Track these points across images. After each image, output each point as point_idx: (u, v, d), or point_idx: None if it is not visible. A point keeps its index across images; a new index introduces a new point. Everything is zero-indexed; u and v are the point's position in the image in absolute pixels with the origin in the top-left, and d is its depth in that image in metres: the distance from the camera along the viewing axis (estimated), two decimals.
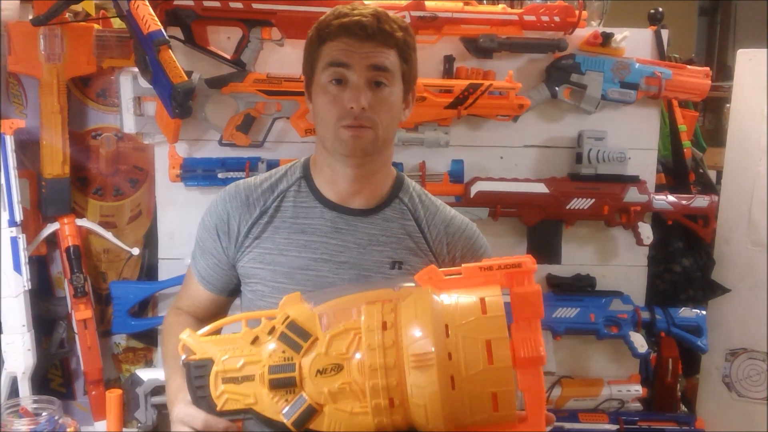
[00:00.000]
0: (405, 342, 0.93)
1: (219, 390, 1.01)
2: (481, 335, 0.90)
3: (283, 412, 0.97)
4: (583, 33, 1.88)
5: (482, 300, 0.93)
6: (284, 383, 0.97)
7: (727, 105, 2.12)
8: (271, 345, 1.00)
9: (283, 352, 0.99)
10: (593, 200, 1.91)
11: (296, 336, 0.99)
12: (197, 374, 1.02)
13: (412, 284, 1.03)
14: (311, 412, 0.96)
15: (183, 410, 1.06)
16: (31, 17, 1.75)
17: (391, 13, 1.23)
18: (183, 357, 1.05)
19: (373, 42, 1.18)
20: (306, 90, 1.29)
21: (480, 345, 0.90)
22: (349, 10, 1.20)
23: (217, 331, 1.09)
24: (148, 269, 1.95)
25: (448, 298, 0.96)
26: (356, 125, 1.18)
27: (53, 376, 1.97)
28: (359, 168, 1.25)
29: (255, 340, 1.01)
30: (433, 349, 0.90)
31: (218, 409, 1.01)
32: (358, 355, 0.95)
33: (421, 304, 0.95)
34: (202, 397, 1.02)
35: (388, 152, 1.31)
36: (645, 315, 1.97)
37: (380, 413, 0.93)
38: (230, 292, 1.35)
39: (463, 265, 1.01)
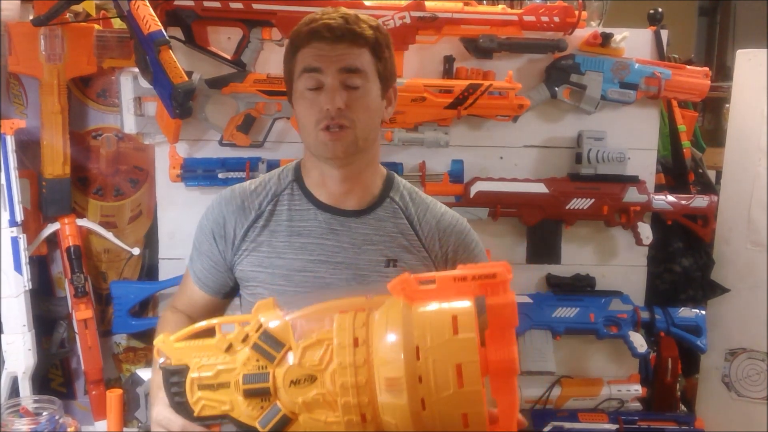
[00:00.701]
0: (376, 362, 0.92)
1: (195, 396, 1.01)
2: (452, 359, 0.89)
3: (258, 421, 0.97)
4: (582, 33, 1.88)
5: (454, 319, 0.91)
6: (259, 392, 0.98)
7: (727, 105, 2.12)
8: (245, 353, 1.00)
9: (257, 360, 0.98)
10: (593, 200, 1.91)
11: (269, 346, 0.98)
12: (173, 380, 1.03)
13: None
14: (285, 422, 0.97)
15: (162, 413, 1.07)
16: (31, 17, 1.75)
17: (361, 14, 1.24)
18: (160, 361, 1.05)
19: (343, 43, 1.19)
20: (288, 99, 1.30)
21: (450, 369, 0.88)
22: (320, 15, 1.22)
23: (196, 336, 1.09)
24: (149, 269, 1.95)
25: (420, 313, 0.93)
26: (334, 125, 1.19)
27: (54, 375, 1.97)
28: (345, 168, 1.26)
29: (229, 348, 1.01)
30: (403, 373, 0.89)
31: (195, 414, 1.02)
32: (331, 367, 0.95)
33: (393, 320, 0.93)
34: (179, 403, 1.03)
35: (374, 150, 1.31)
36: (644, 315, 1.97)
37: (353, 426, 0.93)
38: (225, 294, 1.37)
39: (435, 273, 0.99)
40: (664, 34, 1.97)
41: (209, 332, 1.08)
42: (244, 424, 0.99)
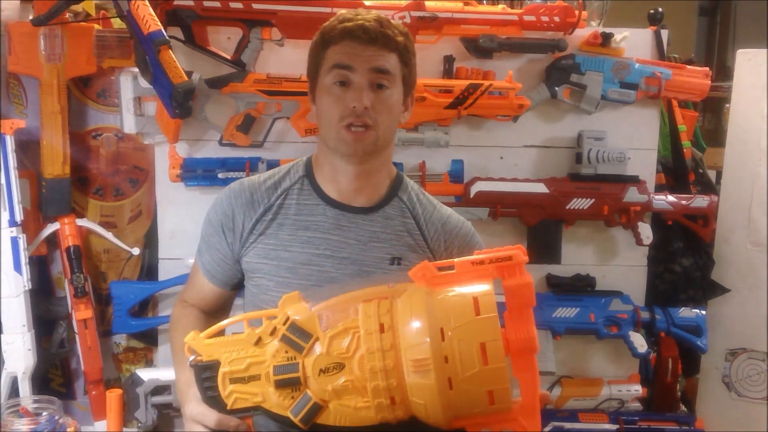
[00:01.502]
0: (403, 345, 0.96)
1: (228, 390, 1.05)
2: (476, 338, 0.93)
3: (290, 410, 1.01)
4: (582, 33, 1.88)
5: (475, 300, 0.95)
6: (289, 383, 1.01)
7: (727, 105, 2.12)
8: (274, 345, 1.03)
9: (286, 352, 1.02)
10: (593, 200, 1.91)
11: (297, 337, 1.02)
12: (205, 375, 1.06)
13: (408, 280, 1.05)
14: (317, 409, 1.00)
15: (196, 409, 1.10)
16: (31, 17, 1.75)
17: (392, 19, 1.28)
18: (191, 359, 1.08)
19: (375, 46, 1.23)
20: (310, 92, 1.33)
21: (475, 348, 0.93)
22: (353, 15, 1.25)
23: (221, 332, 1.12)
24: (149, 269, 1.95)
25: (442, 297, 0.98)
26: (358, 124, 1.23)
27: (53, 375, 1.97)
28: (360, 166, 1.29)
29: (258, 341, 1.05)
30: (430, 354, 0.93)
31: (228, 407, 1.05)
32: (358, 354, 0.98)
33: (416, 305, 0.97)
34: (212, 397, 1.06)
35: (388, 152, 1.35)
36: (645, 315, 1.97)
37: (383, 410, 0.98)
38: (234, 286, 1.40)
39: (455, 259, 1.03)
40: (665, 34, 1.97)
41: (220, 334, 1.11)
42: (276, 414, 1.03)
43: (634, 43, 1.91)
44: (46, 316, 1.87)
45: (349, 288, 1.08)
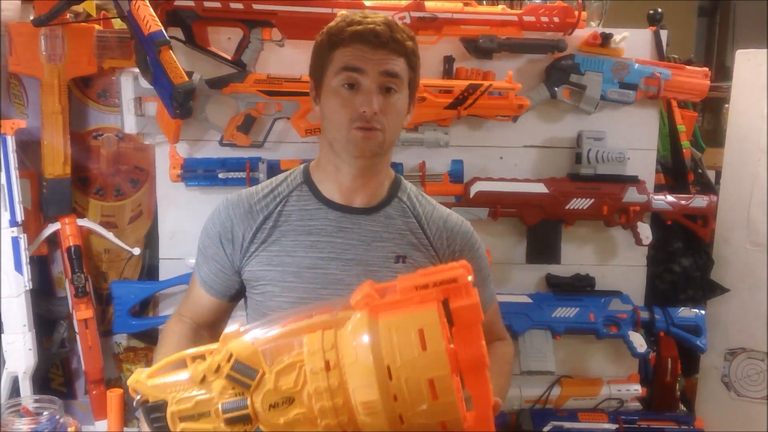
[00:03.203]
0: (350, 384, 0.93)
1: (179, 428, 1.03)
2: (424, 374, 0.90)
3: None
4: (582, 33, 1.88)
5: (420, 333, 0.92)
6: (240, 419, 0.99)
7: (726, 105, 2.12)
8: (220, 383, 1.01)
9: (233, 388, 1.00)
10: (593, 200, 1.91)
11: (242, 375, 0.99)
12: (154, 416, 1.04)
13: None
14: None
15: None
16: (32, 18, 1.75)
17: (399, 23, 1.29)
18: (136, 398, 1.06)
19: (385, 49, 1.24)
20: (313, 92, 1.33)
21: (423, 384, 0.90)
22: (362, 18, 1.26)
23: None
24: (149, 269, 1.95)
25: (387, 330, 0.94)
26: (368, 128, 1.24)
27: (54, 375, 1.97)
28: (364, 169, 1.30)
29: (203, 380, 1.02)
30: (377, 396, 0.91)
31: None
32: (306, 389, 0.96)
33: (361, 341, 0.94)
34: None
35: (390, 154, 1.37)
36: (644, 315, 1.97)
37: None
38: (232, 297, 1.40)
39: (399, 281, 1.00)
40: (664, 34, 1.97)
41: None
42: None
43: (633, 43, 1.92)
44: (46, 315, 1.87)
45: (288, 317, 1.05)
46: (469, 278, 0.96)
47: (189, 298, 1.43)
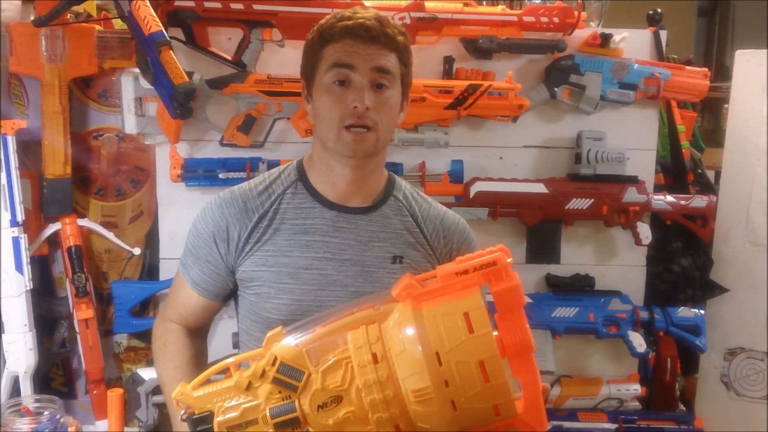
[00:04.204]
0: (399, 374, 0.93)
1: None
2: (473, 357, 0.91)
3: None
4: (582, 34, 1.89)
5: (466, 317, 0.93)
6: (289, 423, 0.99)
7: (726, 105, 2.12)
8: (266, 388, 1.00)
9: (280, 392, 0.99)
10: (592, 200, 1.91)
11: (289, 377, 0.99)
12: (201, 428, 1.03)
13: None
14: None
15: None
16: (32, 18, 1.75)
17: (390, 18, 1.26)
18: (182, 413, 1.05)
19: (376, 45, 1.21)
20: (305, 91, 1.31)
21: (474, 367, 0.91)
22: (352, 14, 1.23)
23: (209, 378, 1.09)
24: (149, 269, 1.96)
25: (432, 317, 0.94)
26: (359, 125, 1.21)
27: (55, 375, 1.97)
28: (358, 169, 1.27)
29: (249, 386, 1.02)
30: (429, 383, 0.91)
31: None
32: (354, 385, 0.96)
33: (407, 330, 0.94)
34: None
35: (384, 153, 1.34)
36: (644, 314, 1.98)
37: None
38: (225, 298, 1.36)
39: (438, 270, 1.00)
40: (663, 34, 1.97)
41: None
42: None
43: (633, 43, 1.92)
44: (47, 315, 1.88)
45: (330, 315, 1.05)
46: (509, 260, 0.96)
47: (176, 301, 1.36)
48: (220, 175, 1.82)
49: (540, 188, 1.90)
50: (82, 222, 1.87)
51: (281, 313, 1.26)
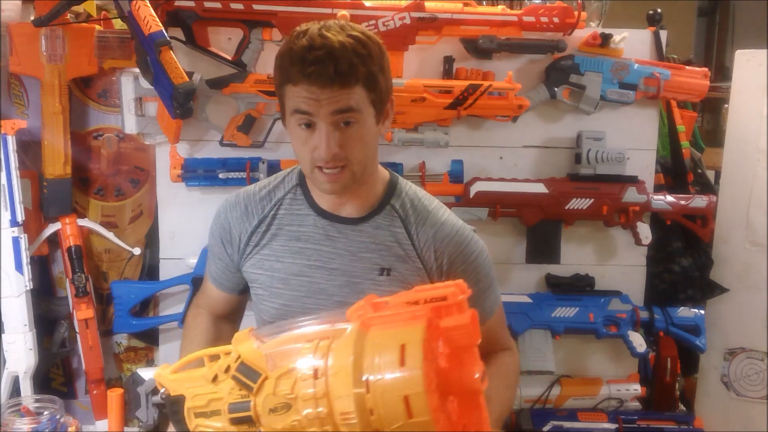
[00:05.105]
0: (332, 394, 0.93)
1: (193, 423, 1.07)
2: (399, 391, 0.89)
3: None
4: (582, 34, 1.88)
5: (402, 349, 0.91)
6: (244, 420, 1.02)
7: (726, 105, 2.12)
8: (229, 383, 1.04)
9: (240, 389, 1.02)
10: (592, 200, 1.91)
11: (246, 378, 1.02)
12: (174, 409, 1.10)
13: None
14: None
15: None
16: (32, 18, 1.76)
17: (351, 34, 1.14)
18: (161, 392, 1.12)
19: (335, 85, 1.13)
20: (281, 117, 1.27)
21: (398, 401, 0.89)
22: (306, 51, 1.13)
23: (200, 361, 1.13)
24: (150, 269, 1.95)
25: (371, 344, 0.94)
26: (330, 167, 1.18)
27: (55, 375, 1.97)
28: (342, 195, 1.27)
29: (215, 378, 1.06)
30: (354, 408, 0.91)
31: None
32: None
33: (345, 353, 0.94)
34: (182, 430, 1.09)
35: (373, 167, 1.29)
36: (644, 314, 1.97)
37: None
38: (241, 291, 1.43)
39: (393, 297, 1.00)
40: (663, 34, 1.97)
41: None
42: None
43: (633, 43, 1.92)
44: (47, 315, 1.88)
45: (298, 323, 1.06)
46: (461, 297, 0.94)
47: (204, 292, 1.48)
48: (220, 175, 1.82)
49: (540, 188, 1.90)
50: (82, 222, 1.87)
51: (271, 317, 1.32)
